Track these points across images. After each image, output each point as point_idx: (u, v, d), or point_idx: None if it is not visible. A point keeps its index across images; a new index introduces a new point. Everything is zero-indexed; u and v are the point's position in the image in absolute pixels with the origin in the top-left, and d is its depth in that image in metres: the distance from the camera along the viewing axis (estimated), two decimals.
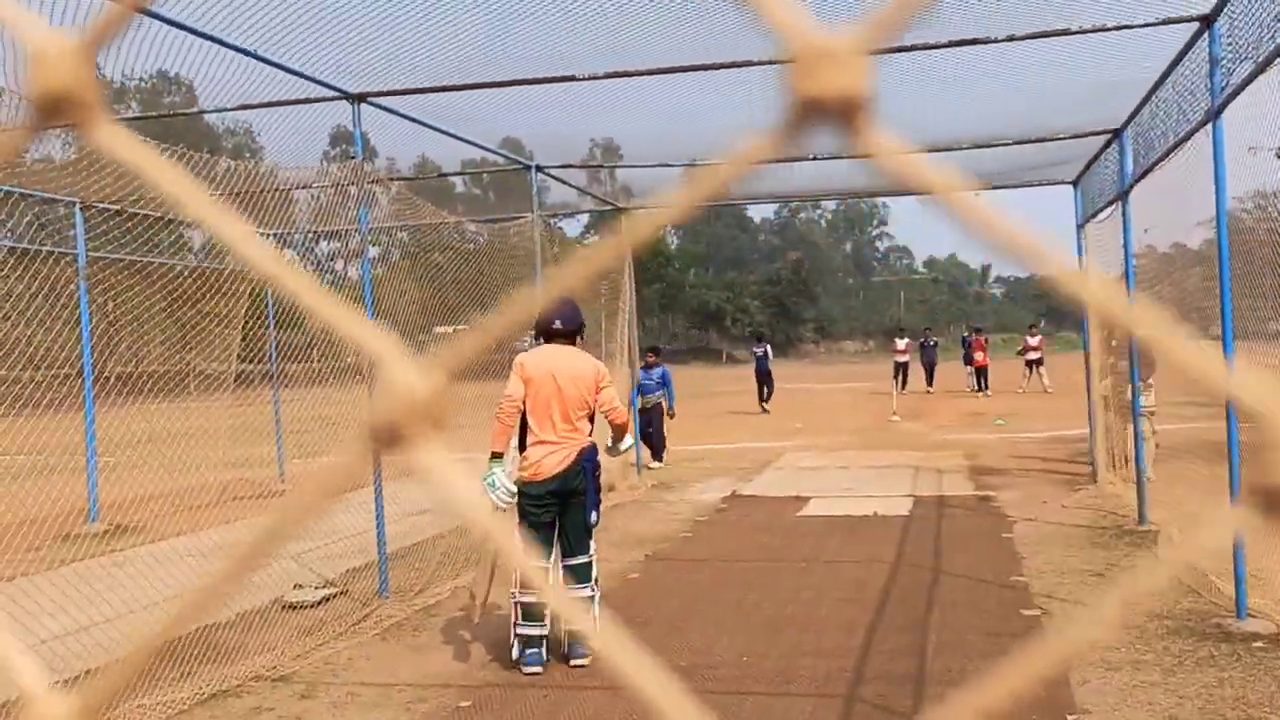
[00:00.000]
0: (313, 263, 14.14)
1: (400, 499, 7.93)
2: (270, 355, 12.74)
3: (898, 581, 7.10)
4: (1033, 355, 27.45)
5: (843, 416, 21.41)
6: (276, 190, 7.33)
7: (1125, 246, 8.76)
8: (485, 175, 17.13)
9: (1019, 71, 7.66)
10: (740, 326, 69.01)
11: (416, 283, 10.17)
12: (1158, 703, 4.65)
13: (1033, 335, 27.90)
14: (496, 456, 5.58)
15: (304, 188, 7.77)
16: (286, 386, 13.49)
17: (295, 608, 6.87)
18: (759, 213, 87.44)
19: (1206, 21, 5.92)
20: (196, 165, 7.72)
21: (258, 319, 12.29)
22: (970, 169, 10.80)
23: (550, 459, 5.52)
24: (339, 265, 15.16)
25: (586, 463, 5.63)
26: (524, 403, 5.57)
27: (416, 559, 8.15)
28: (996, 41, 6.20)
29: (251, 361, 12.82)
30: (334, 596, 7.14)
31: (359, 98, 6.56)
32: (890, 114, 8.89)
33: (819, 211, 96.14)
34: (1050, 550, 7.87)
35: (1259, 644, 5.33)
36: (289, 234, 9.11)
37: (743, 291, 73.55)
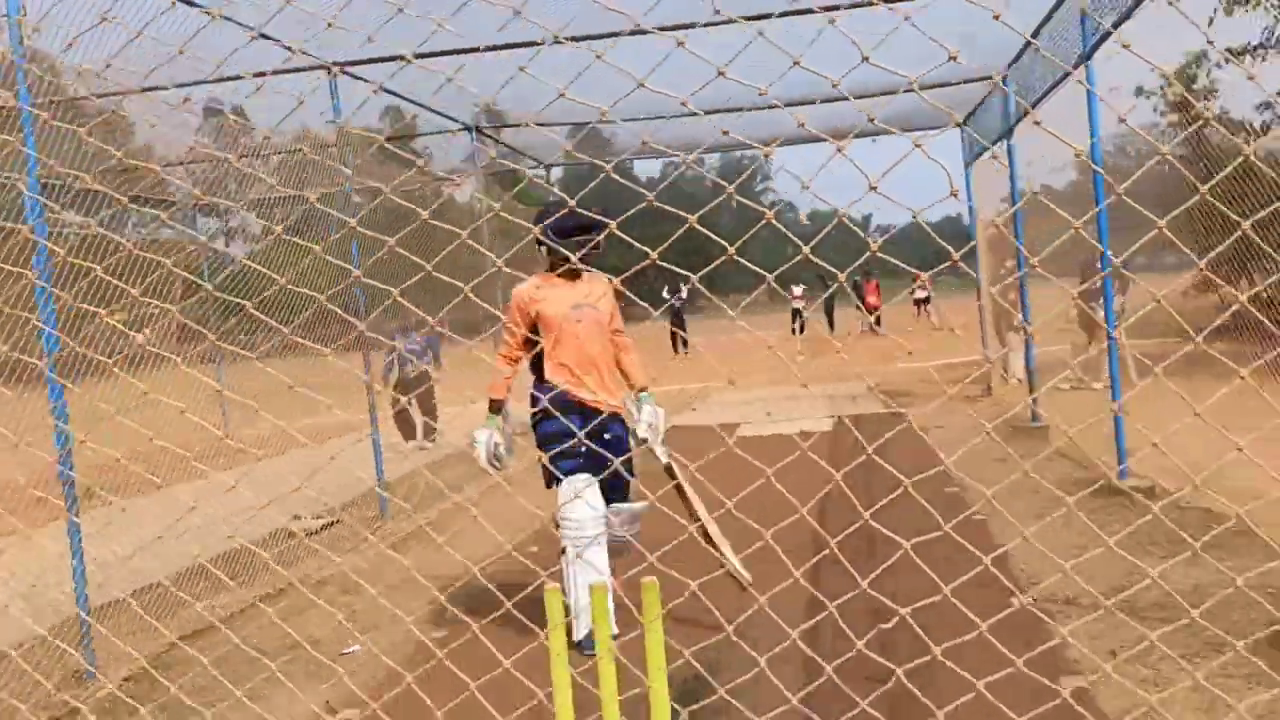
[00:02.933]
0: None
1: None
2: (212, 328, 13.15)
3: (831, 475, 8.11)
4: (921, 294, 29.11)
5: (752, 360, 22.53)
6: (258, 155, 7.84)
7: (1011, 180, 9.88)
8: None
9: (909, 26, 8.61)
10: (634, 285, 69.91)
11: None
12: (1063, 536, 5.75)
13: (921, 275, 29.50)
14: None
15: (283, 152, 8.31)
16: (228, 362, 13.92)
17: (302, 535, 7.57)
18: (644, 171, 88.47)
19: None
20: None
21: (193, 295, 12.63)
22: (867, 115, 11.83)
23: None
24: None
25: None
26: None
27: (400, 489, 8.89)
28: (896, 1, 7.12)
29: (190, 341, 13.18)
30: (332, 524, 7.85)
31: (338, 68, 7.19)
32: (799, 73, 9.81)
33: (705, 168, 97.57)
34: (960, 447, 9.01)
35: (1139, 494, 6.49)
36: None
37: (632, 249, 74.43)
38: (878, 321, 28.89)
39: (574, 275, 4.94)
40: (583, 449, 4.61)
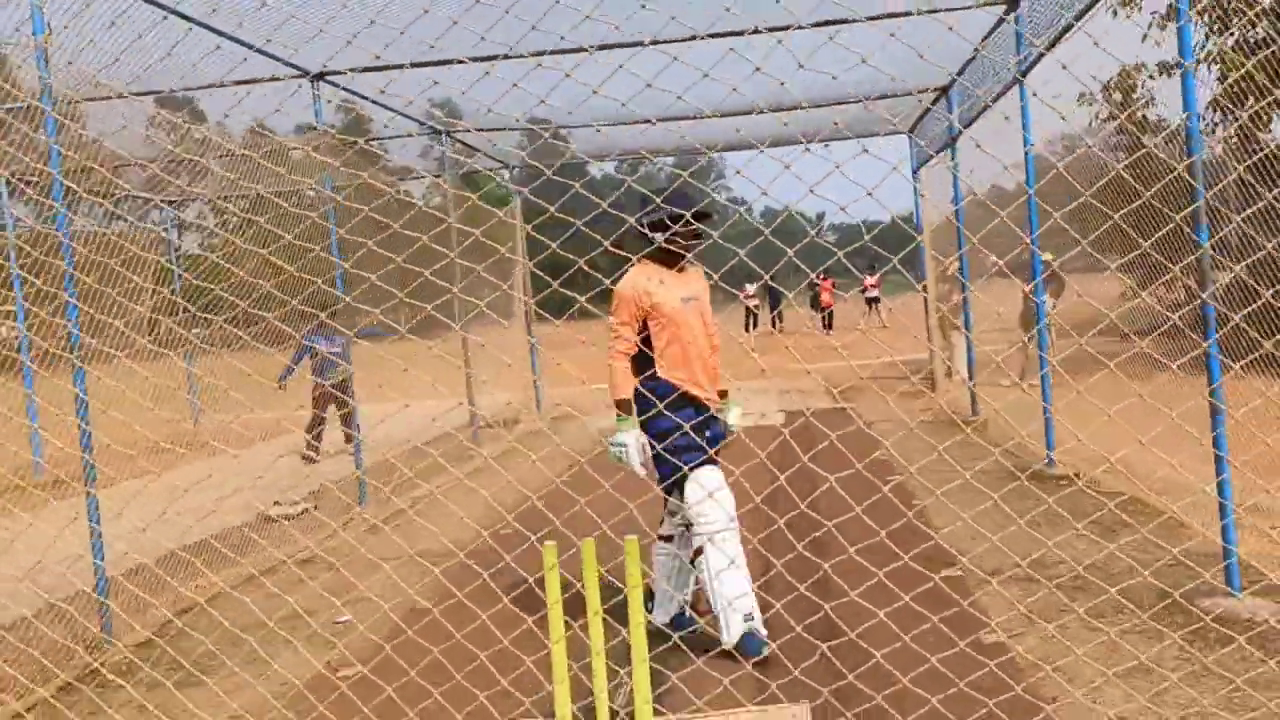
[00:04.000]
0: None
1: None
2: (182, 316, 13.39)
3: (785, 466, 8.65)
4: (872, 293, 29.86)
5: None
6: (244, 154, 8.14)
7: (955, 186, 10.46)
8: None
9: (864, 41, 9.13)
10: (592, 282, 70.34)
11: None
12: (993, 518, 6.30)
13: (871, 275, 30.27)
14: None
15: (279, 150, 8.58)
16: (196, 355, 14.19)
17: (279, 520, 7.94)
18: (600, 167, 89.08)
19: (1013, 4, 7.54)
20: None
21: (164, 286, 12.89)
22: (824, 122, 12.39)
23: None
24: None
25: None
26: None
27: (374, 477, 9.27)
28: (853, 22, 7.64)
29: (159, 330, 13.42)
30: (310, 510, 8.24)
31: (319, 76, 7.56)
32: (764, 83, 10.30)
33: (658, 166, 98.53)
34: (904, 441, 9.58)
35: (1063, 480, 7.08)
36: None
37: (591, 247, 74.81)
38: (830, 322, 29.63)
39: (678, 265, 4.77)
40: (704, 439, 4.55)
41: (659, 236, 4.66)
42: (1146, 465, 7.18)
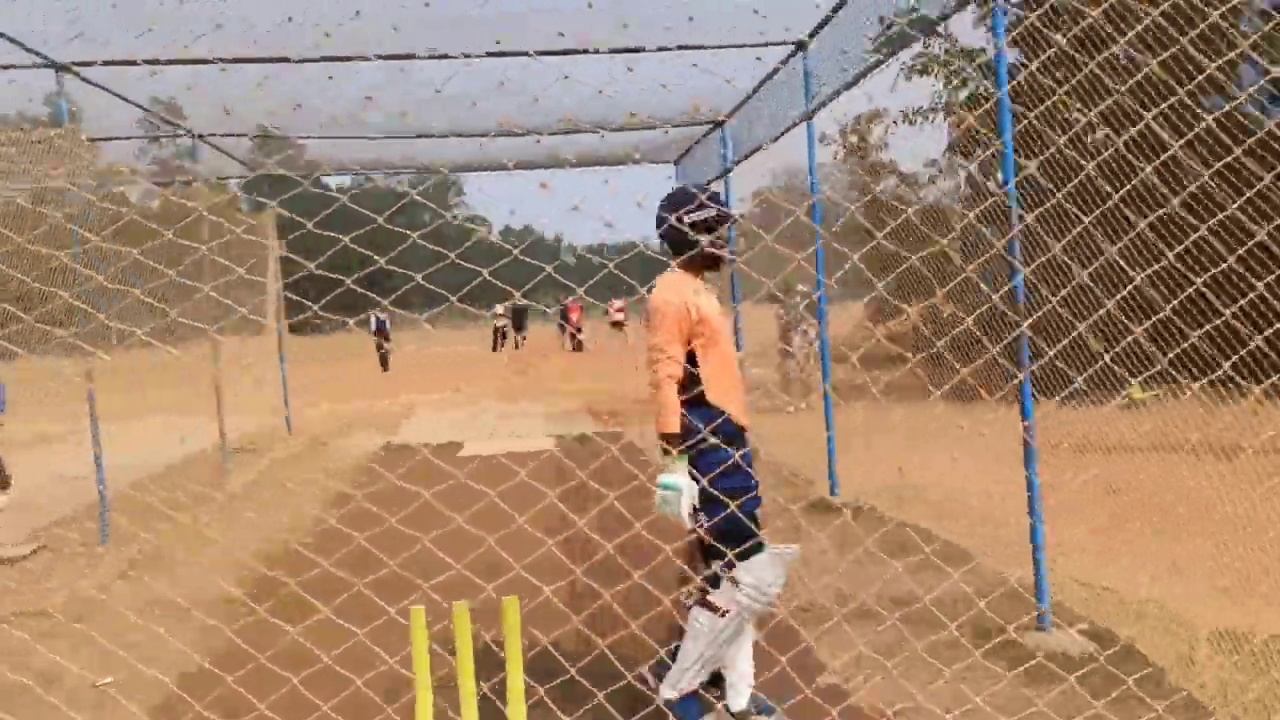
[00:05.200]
0: None
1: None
2: None
3: (561, 493, 8.45)
4: (618, 317, 30.43)
5: (458, 375, 22.61)
6: None
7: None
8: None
9: (645, 70, 9.08)
10: (332, 303, 68.01)
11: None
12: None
13: (618, 298, 30.76)
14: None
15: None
16: None
17: (6, 562, 6.96)
18: (337, 180, 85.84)
19: (801, 45, 7.72)
20: None
21: None
22: (589, 149, 12.32)
23: None
24: None
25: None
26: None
27: (116, 510, 8.32)
28: (642, 51, 7.57)
29: None
30: (40, 549, 7.27)
31: (63, 66, 6.70)
32: (544, 100, 10.10)
33: (398, 178, 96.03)
34: None
35: (847, 510, 7.28)
36: None
37: (326, 264, 72.10)
38: (577, 341, 29.87)
39: (700, 277, 4.07)
40: (755, 485, 3.86)
41: (705, 239, 3.91)
42: (928, 492, 7.52)
